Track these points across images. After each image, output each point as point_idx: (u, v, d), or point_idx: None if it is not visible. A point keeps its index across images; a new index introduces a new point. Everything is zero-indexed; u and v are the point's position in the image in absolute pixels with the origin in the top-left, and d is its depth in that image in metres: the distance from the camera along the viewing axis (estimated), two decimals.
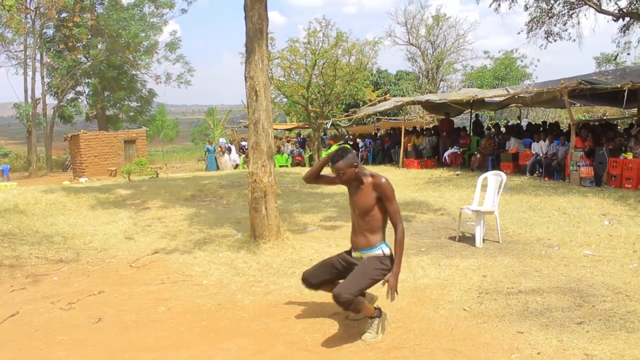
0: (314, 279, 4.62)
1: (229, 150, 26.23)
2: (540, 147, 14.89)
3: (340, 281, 4.42)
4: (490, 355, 4.02)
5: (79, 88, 38.52)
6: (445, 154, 18.60)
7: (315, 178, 4.79)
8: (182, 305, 5.39)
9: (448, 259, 6.75)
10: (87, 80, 37.85)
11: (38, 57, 35.02)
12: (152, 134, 49.63)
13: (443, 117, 21.49)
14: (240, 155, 26.53)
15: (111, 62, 35.41)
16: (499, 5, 18.90)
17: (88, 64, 35.47)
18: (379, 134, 26.90)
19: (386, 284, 4.26)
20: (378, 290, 4.74)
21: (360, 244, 4.44)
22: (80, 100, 38.83)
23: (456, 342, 4.28)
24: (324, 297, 5.31)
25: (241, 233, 8.34)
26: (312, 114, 24.43)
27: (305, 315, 4.97)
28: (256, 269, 6.62)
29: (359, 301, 4.19)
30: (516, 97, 16.66)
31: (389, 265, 4.37)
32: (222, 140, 27.82)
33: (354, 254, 4.51)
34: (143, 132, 29.54)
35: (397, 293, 4.26)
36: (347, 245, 4.79)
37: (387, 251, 4.43)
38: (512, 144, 16.27)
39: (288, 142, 27.67)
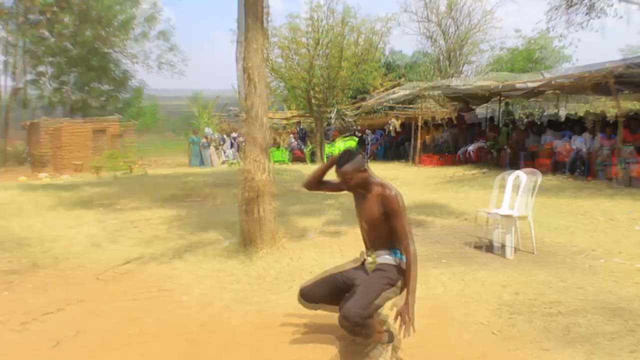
0: (311, 295, 4.60)
1: (222, 141, 26.19)
2: (582, 142, 14.81)
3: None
4: None
5: (41, 68, 38.49)
6: (470, 149, 18.54)
7: (317, 184, 4.81)
8: (159, 326, 5.32)
9: (473, 272, 6.67)
10: (50, 59, 37.83)
11: None
12: (128, 123, 49.70)
13: (462, 107, 21.43)
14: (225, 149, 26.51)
15: (79, 38, 35.35)
16: None
17: (53, 39, 35.46)
18: (391, 127, 26.78)
19: (399, 316, 4.11)
20: (385, 309, 4.66)
21: (372, 248, 4.48)
22: (42, 82, 38.81)
23: None
24: (327, 317, 5.22)
25: (230, 240, 8.28)
26: (314, 102, 24.38)
27: (305, 339, 4.89)
28: (247, 282, 6.54)
29: (370, 324, 4.14)
30: (553, 82, 16.58)
31: (397, 275, 4.34)
32: (207, 130, 27.76)
33: (368, 258, 4.48)
34: (116, 120, 29.52)
35: (413, 329, 4.12)
36: (353, 255, 4.73)
37: (397, 261, 4.40)
38: (549, 138, 16.20)
39: (293, 136, 27.45)
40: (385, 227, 4.34)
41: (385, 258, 4.41)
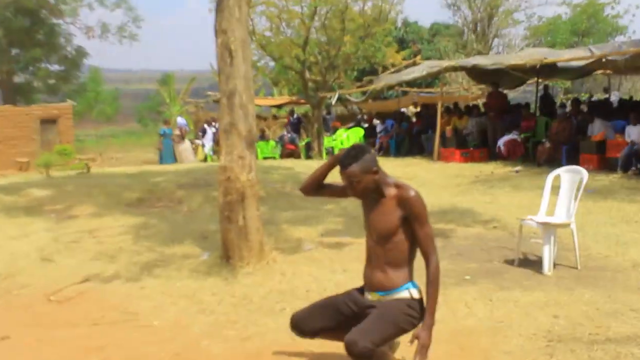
0: (307, 325, 4.57)
1: (203, 133, 26.17)
2: (638, 133, 14.88)
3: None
4: None
5: None
6: (500, 142, 18.61)
7: (316, 188, 4.76)
8: (124, 356, 5.38)
9: (503, 291, 6.74)
10: None
11: None
12: (82, 111, 49.63)
13: (491, 91, 21.49)
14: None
15: (21, 7, 35.21)
16: None
17: None
18: (407, 113, 26.87)
19: (415, 340, 4.20)
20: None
21: (377, 282, 4.40)
22: None
23: None
24: (325, 345, 5.29)
25: (208, 253, 8.33)
26: (310, 84, 24.41)
27: None
28: (229, 303, 6.61)
29: (381, 355, 4.17)
30: (604, 60, 16.64)
31: (419, 313, 4.35)
32: (180, 120, 27.82)
33: (368, 296, 4.47)
34: (68, 108, 29.52)
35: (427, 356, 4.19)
36: (358, 272, 4.76)
37: (415, 294, 4.39)
38: (598, 129, 16.25)
39: (285, 128, 27.45)
40: (403, 239, 4.34)
41: (392, 297, 4.37)
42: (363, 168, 4.25)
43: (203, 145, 26.38)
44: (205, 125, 27.36)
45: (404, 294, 4.33)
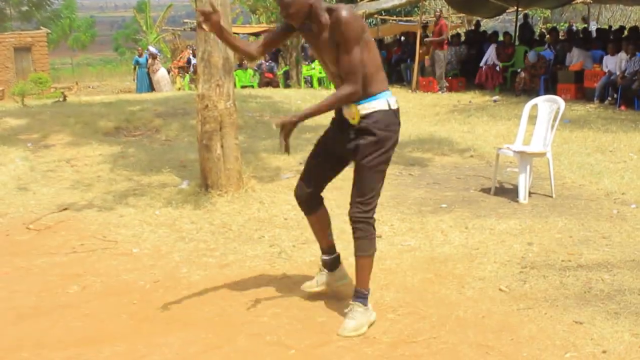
0: (305, 191, 4.67)
1: (188, 63, 25.79)
2: (615, 63, 14.88)
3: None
4: (537, 354, 4.09)
5: None
6: (482, 63, 18.48)
7: (257, 48, 4.55)
8: (103, 284, 5.41)
9: (479, 219, 6.82)
10: None
11: None
12: (57, 39, 48.84)
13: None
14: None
15: None
16: None
17: None
18: (384, 42, 26.69)
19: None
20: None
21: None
22: None
23: (488, 334, 4.35)
24: (304, 270, 5.36)
25: (187, 181, 8.33)
26: None
27: (278, 297, 5.01)
28: (208, 231, 6.65)
29: (370, 234, 4.36)
30: None
31: (397, 126, 4.36)
32: (151, 48, 27.36)
33: (347, 112, 4.34)
34: (43, 36, 29.06)
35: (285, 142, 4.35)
36: (336, 200, 4.79)
37: (393, 103, 4.32)
38: (576, 58, 16.24)
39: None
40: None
41: (370, 105, 4.24)
42: None
43: (169, 72, 26.00)
44: (191, 57, 26.97)
45: (382, 103, 4.25)
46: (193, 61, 25.85)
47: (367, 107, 4.24)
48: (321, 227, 4.80)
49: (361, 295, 4.47)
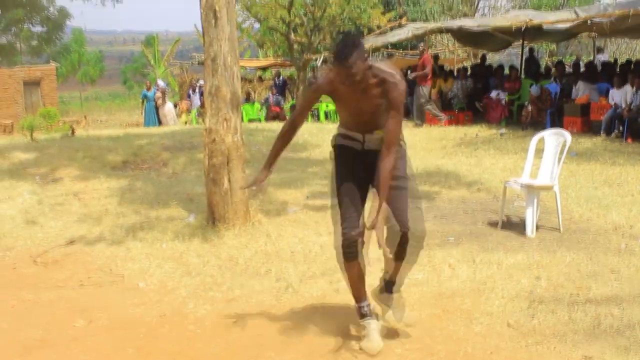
0: (357, 224, 4.56)
1: (189, 97, 25.90)
2: (622, 96, 14.90)
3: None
4: None
5: None
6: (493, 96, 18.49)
7: (298, 121, 4.84)
8: (110, 318, 5.41)
9: (486, 253, 6.80)
10: None
11: None
12: (66, 73, 49.30)
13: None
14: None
15: None
16: None
17: None
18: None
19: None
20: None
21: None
22: None
23: None
24: (311, 306, 5.35)
25: (194, 215, 8.34)
26: (295, 46, 24.28)
27: (286, 333, 4.98)
28: (215, 265, 6.64)
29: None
30: (589, 22, 16.61)
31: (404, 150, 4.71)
32: (160, 82, 27.54)
33: (371, 138, 4.57)
34: (52, 70, 29.30)
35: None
36: None
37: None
38: (582, 91, 16.27)
39: (271, 91, 27.16)
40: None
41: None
42: (361, 56, 4.07)
43: (188, 111, 26.12)
44: (190, 91, 27.08)
45: None
46: (192, 97, 25.99)
47: None
48: (363, 273, 4.72)
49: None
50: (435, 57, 24.22)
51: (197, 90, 25.99)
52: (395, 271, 4.77)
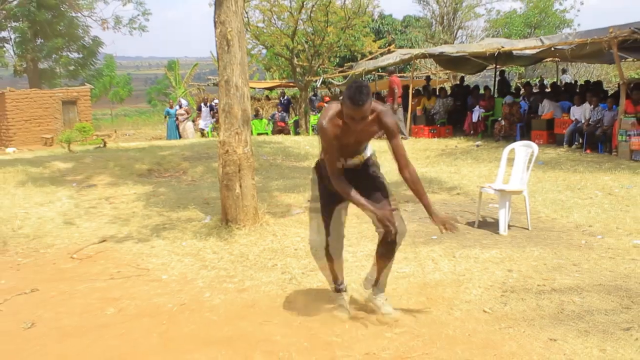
0: (340, 239, 4.86)
1: (200, 110, 25.88)
2: (581, 112, 14.91)
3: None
4: None
5: (3, 34, 37.98)
6: (474, 116, 18.49)
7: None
8: (137, 306, 5.40)
9: (465, 249, 6.80)
10: (13, 24, 37.28)
11: None
12: (99, 93, 49.20)
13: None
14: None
15: (44, 1, 34.85)
16: None
17: (14, 2, 34.94)
18: (381, 95, 26.81)
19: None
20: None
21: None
22: (5, 49, 38.30)
23: (474, 350, 4.33)
24: (314, 294, 5.34)
25: (210, 216, 8.34)
26: (298, 70, 24.30)
27: (290, 318, 4.99)
28: (228, 260, 6.63)
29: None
30: (552, 49, 16.63)
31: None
32: (183, 101, 27.54)
33: (351, 160, 4.73)
34: (87, 91, 29.29)
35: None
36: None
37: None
38: (547, 108, 16.29)
39: (277, 109, 27.13)
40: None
41: (367, 152, 4.81)
42: (370, 100, 4.36)
43: (194, 122, 26.05)
44: (202, 105, 27.01)
45: (370, 150, 4.87)
46: (203, 109, 25.95)
47: (367, 153, 4.81)
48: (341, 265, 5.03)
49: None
50: (428, 78, 24.25)
51: (207, 104, 26.01)
52: (381, 269, 4.91)
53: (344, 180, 4.58)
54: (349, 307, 4.99)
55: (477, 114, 18.45)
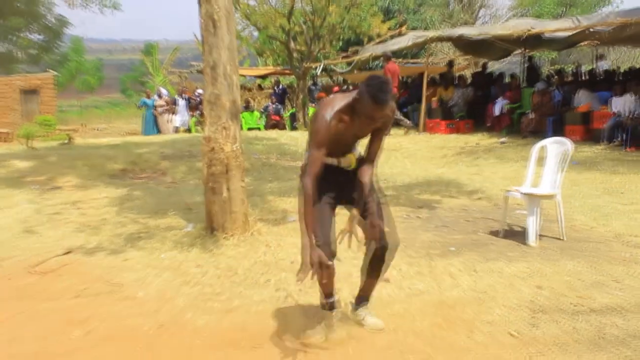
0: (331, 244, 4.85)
1: (175, 103, 25.84)
2: (623, 104, 14.92)
3: None
4: None
5: None
6: (496, 109, 18.51)
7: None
8: (107, 329, 5.38)
9: (488, 262, 6.78)
10: None
11: None
12: (64, 81, 49.32)
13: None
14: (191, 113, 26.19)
15: None
16: None
17: None
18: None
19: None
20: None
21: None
22: None
23: None
24: (310, 315, 5.32)
25: (193, 224, 8.33)
26: (295, 55, 24.30)
27: (284, 342, 4.96)
28: (214, 275, 6.61)
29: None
30: (589, 31, 16.63)
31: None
32: (163, 90, 27.52)
33: (343, 159, 4.84)
34: (50, 78, 29.31)
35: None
36: (343, 243, 4.82)
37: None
38: (583, 100, 16.28)
39: (271, 100, 27.11)
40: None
41: (357, 151, 4.90)
42: (391, 99, 4.53)
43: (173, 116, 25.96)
44: (176, 97, 26.83)
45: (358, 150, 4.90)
46: (180, 102, 25.84)
47: (357, 153, 4.91)
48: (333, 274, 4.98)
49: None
50: (450, 64, 24.23)
51: (184, 96, 25.95)
52: (369, 287, 5.07)
53: (314, 186, 4.58)
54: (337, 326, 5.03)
55: (500, 105, 18.45)
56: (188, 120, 25.60)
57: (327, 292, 4.95)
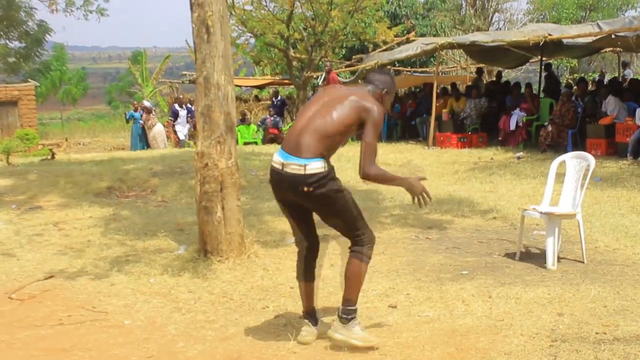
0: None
1: (175, 116, 25.74)
2: None
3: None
4: None
5: None
6: (512, 122, 18.51)
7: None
8: (92, 359, 5.37)
9: (503, 287, 6.77)
10: None
11: None
12: (46, 92, 49.50)
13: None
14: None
15: None
16: None
17: None
18: (397, 94, 26.92)
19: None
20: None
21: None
22: None
23: None
24: (311, 343, 5.33)
25: (184, 246, 8.34)
26: (295, 63, 24.38)
27: None
28: (208, 301, 6.62)
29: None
30: (613, 36, 16.68)
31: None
32: (146, 102, 27.45)
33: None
34: (30, 89, 29.39)
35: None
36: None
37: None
38: (612, 107, 16.22)
39: (269, 112, 27.08)
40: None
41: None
42: None
43: (174, 131, 25.90)
44: (176, 106, 26.76)
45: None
46: (180, 113, 25.78)
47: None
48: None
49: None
50: (479, 71, 24.25)
51: (184, 106, 25.85)
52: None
53: None
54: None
55: (516, 117, 18.47)
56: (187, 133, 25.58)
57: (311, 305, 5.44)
